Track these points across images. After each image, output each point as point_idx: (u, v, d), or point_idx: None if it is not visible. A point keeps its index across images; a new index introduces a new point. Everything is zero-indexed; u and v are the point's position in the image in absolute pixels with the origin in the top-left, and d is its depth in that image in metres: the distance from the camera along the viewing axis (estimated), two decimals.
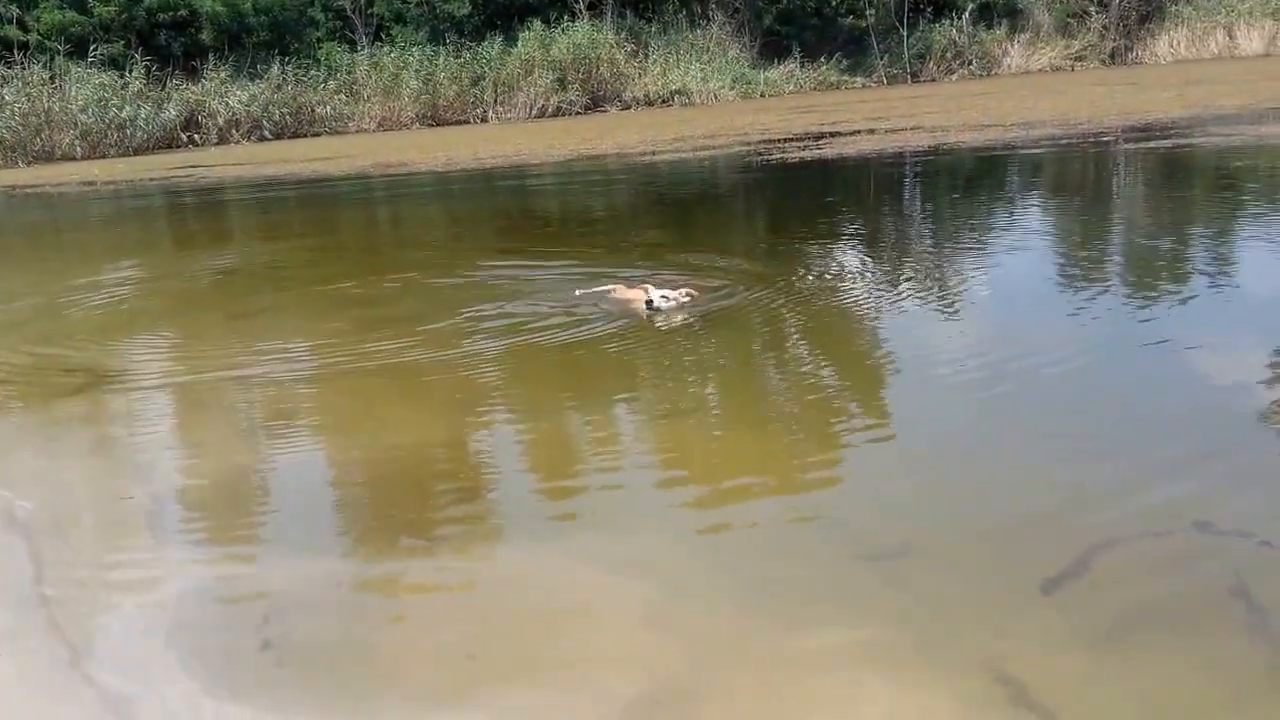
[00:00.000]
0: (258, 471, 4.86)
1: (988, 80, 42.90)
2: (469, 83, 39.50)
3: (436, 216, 15.37)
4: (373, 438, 5.25)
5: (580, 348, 6.46)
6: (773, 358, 6.11)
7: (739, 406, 5.40)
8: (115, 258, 12.79)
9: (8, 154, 31.21)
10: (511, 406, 5.61)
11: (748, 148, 19.99)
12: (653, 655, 3.15)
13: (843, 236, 9.99)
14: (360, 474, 4.83)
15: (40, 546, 4.03)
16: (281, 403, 5.84)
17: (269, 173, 22.84)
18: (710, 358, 6.10)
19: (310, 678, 3.14)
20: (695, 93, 41.46)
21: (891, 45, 46.95)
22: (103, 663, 3.22)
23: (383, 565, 3.87)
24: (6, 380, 6.67)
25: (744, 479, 4.52)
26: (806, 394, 5.56)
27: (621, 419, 5.35)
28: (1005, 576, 3.51)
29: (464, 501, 4.41)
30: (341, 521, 4.31)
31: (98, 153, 32.42)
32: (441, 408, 5.63)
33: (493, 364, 6.28)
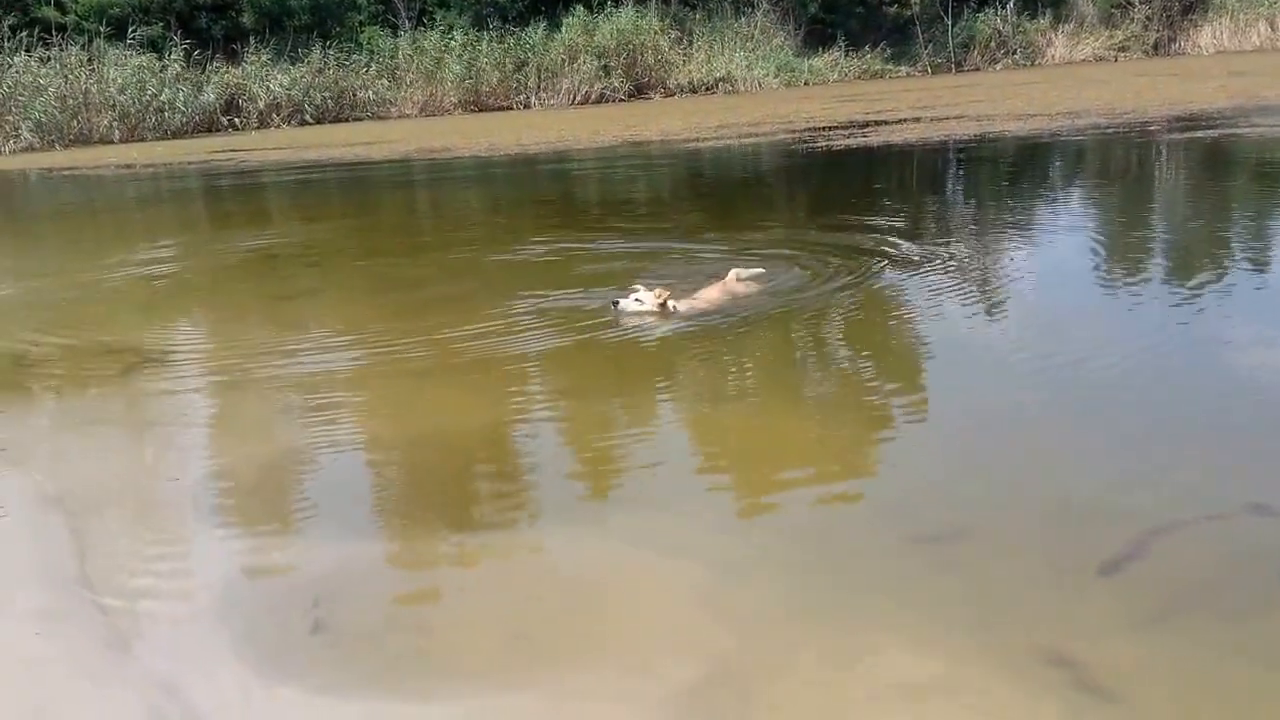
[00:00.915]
0: (303, 454, 4.84)
1: (1031, 70, 42.41)
2: (512, 68, 39.40)
3: (480, 201, 15.36)
4: (418, 420, 5.23)
5: (626, 333, 6.40)
6: (820, 343, 6.03)
7: (788, 391, 5.33)
8: (156, 239, 12.86)
9: (45, 137, 31.30)
10: (558, 389, 5.57)
11: (793, 135, 19.84)
12: (706, 638, 3.10)
13: (891, 223, 9.84)
14: (406, 456, 4.80)
15: (84, 527, 4.02)
16: (326, 385, 5.80)
17: (310, 157, 22.91)
18: (756, 344, 6.04)
19: (362, 659, 3.10)
20: (739, 80, 41.24)
21: (936, 34, 46.57)
22: (150, 645, 3.20)
23: (431, 547, 3.83)
24: (51, 361, 6.69)
25: (795, 462, 4.47)
26: (856, 379, 5.49)
27: (668, 403, 5.29)
28: (1062, 560, 3.45)
29: (512, 483, 4.38)
30: (388, 504, 4.28)
31: (135, 136, 32.47)
32: (486, 390, 5.60)
33: (537, 347, 6.23)
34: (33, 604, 3.41)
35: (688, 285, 7.10)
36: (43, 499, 4.23)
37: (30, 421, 5.41)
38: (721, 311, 6.65)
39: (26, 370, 6.45)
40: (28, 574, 3.61)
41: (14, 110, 31.23)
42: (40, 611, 3.35)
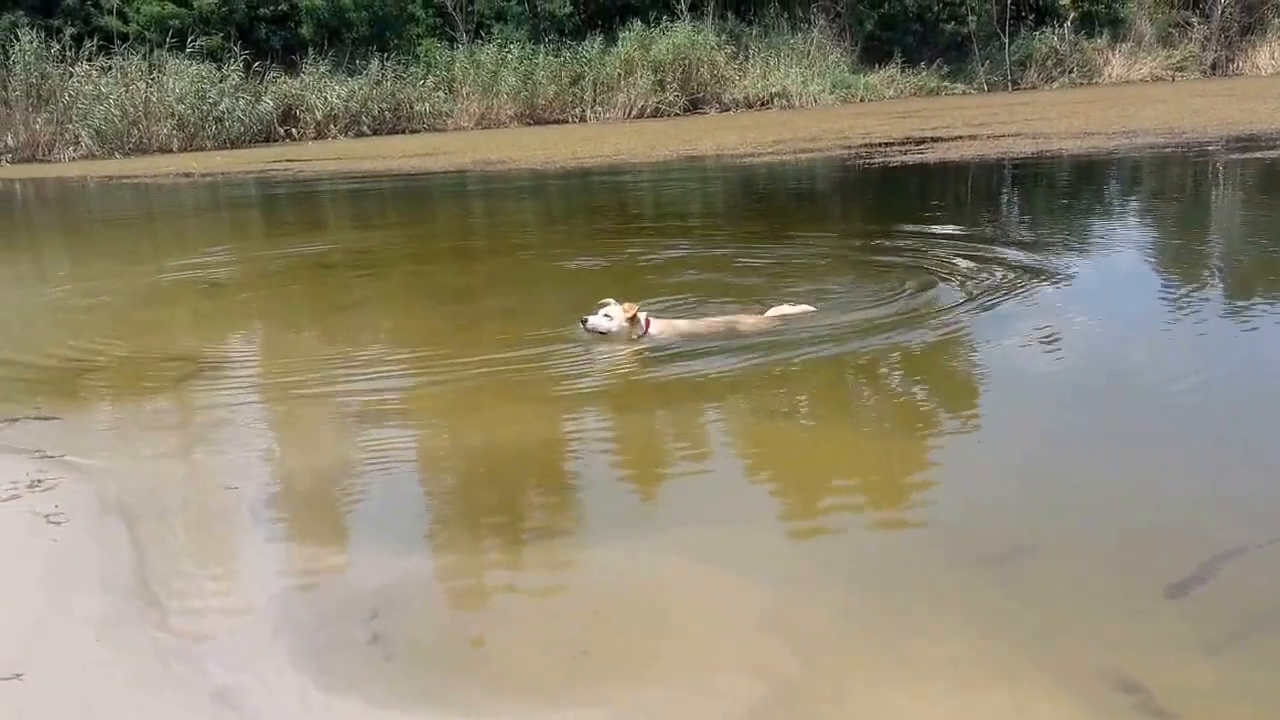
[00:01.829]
0: (358, 466, 4.82)
1: (1088, 89, 42.01)
2: (568, 82, 39.61)
3: (535, 213, 15.43)
4: (473, 433, 5.20)
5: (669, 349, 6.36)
6: (877, 362, 5.92)
7: (847, 409, 5.26)
8: (213, 246, 12.97)
9: (105, 145, 31.78)
10: (615, 404, 5.52)
11: (849, 151, 19.73)
12: (768, 657, 3.04)
13: (949, 241, 9.73)
14: (461, 469, 4.78)
15: (143, 534, 4.02)
16: (381, 397, 5.79)
17: (367, 168, 23.12)
18: (813, 363, 5.93)
19: (421, 672, 3.07)
20: (795, 96, 41.17)
21: (992, 52, 46.24)
22: (210, 653, 3.18)
23: (488, 560, 3.80)
24: (109, 368, 6.75)
25: (854, 480, 4.41)
26: (915, 398, 5.40)
27: (728, 420, 5.23)
28: (1127, 582, 3.37)
29: (568, 498, 4.35)
30: (444, 517, 4.25)
31: (194, 145, 32.89)
32: (540, 403, 5.57)
33: (591, 361, 6.19)
34: (93, 610, 3.40)
35: (730, 305, 7.06)
36: (102, 505, 4.24)
37: (89, 428, 5.44)
38: (716, 339, 6.45)
39: (85, 376, 6.50)
40: (88, 580, 3.61)
41: (75, 118, 31.76)
42: (100, 618, 3.34)
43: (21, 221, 19.26)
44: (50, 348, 7.32)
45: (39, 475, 4.47)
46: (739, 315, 6.79)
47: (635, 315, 6.37)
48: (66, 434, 5.20)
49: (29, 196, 23.11)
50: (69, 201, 21.57)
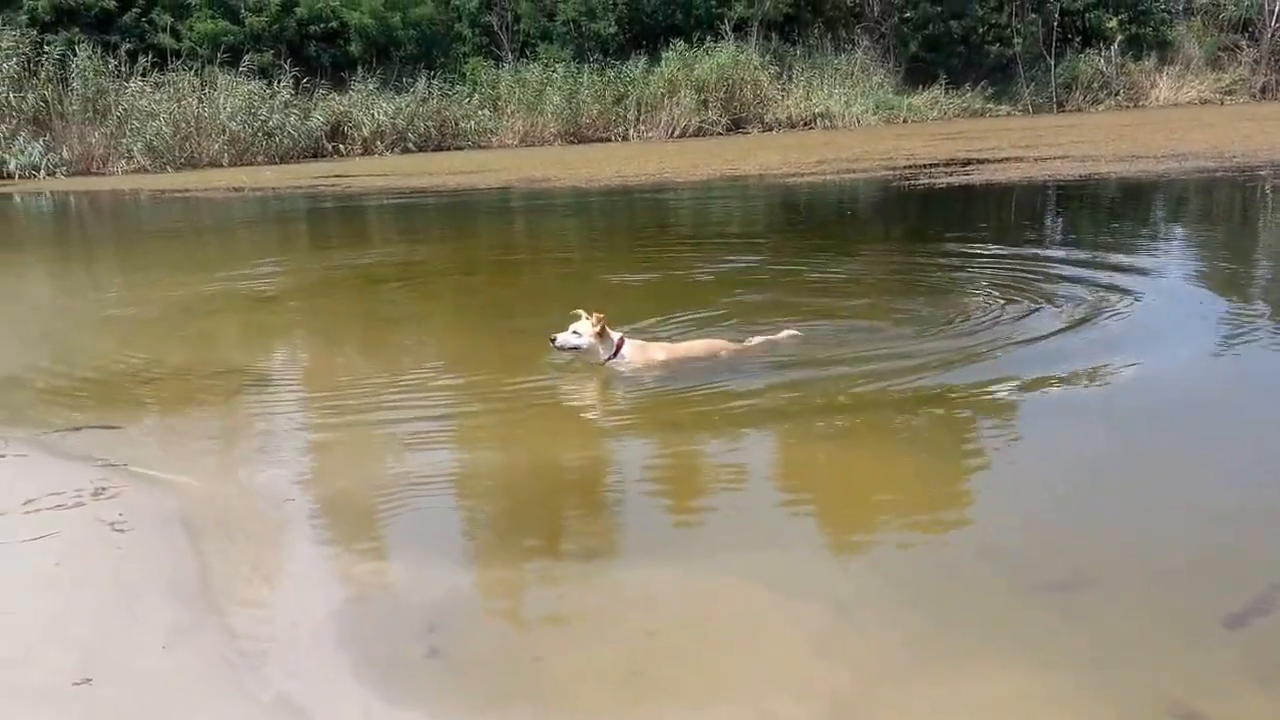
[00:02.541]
0: (411, 481, 4.86)
1: (1135, 111, 41.72)
2: (611, 101, 39.83)
3: (582, 230, 15.49)
4: (524, 451, 5.23)
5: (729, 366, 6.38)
6: (935, 386, 5.85)
7: (904, 434, 5.23)
8: (263, 259, 13.15)
9: (156, 159, 32.33)
10: (664, 424, 5.51)
11: (893, 172, 19.69)
12: (823, 681, 3.04)
13: (1003, 260, 9.67)
14: (512, 486, 4.80)
15: (205, 544, 4.08)
16: (433, 414, 5.83)
17: (414, 184, 23.33)
18: (869, 384, 5.91)
19: (478, 688, 3.10)
20: (838, 116, 41.19)
21: (1038, 74, 46.06)
22: (274, 663, 3.23)
23: (542, 578, 3.82)
24: (166, 379, 6.85)
25: (911, 506, 4.38)
26: (974, 423, 5.36)
27: (781, 442, 5.21)
28: (1186, 611, 3.35)
29: (621, 519, 4.36)
30: (497, 534, 4.28)
31: (244, 160, 33.39)
32: (591, 424, 5.61)
33: (637, 380, 6.21)
34: (158, 617, 3.46)
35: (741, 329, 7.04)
36: (164, 514, 4.30)
37: (149, 438, 5.53)
38: (696, 364, 6.33)
39: (143, 387, 6.61)
40: (153, 587, 3.66)
41: (128, 133, 32.30)
42: (166, 625, 3.40)
43: (76, 233, 19.58)
44: (108, 358, 7.44)
45: (102, 483, 4.55)
46: (722, 342, 6.64)
47: (604, 329, 6.20)
48: (127, 443, 5.29)
49: (84, 209, 23.50)
50: (122, 214, 21.93)
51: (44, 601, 3.54)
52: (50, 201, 24.84)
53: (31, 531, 4.03)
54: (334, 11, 38.60)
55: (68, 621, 3.41)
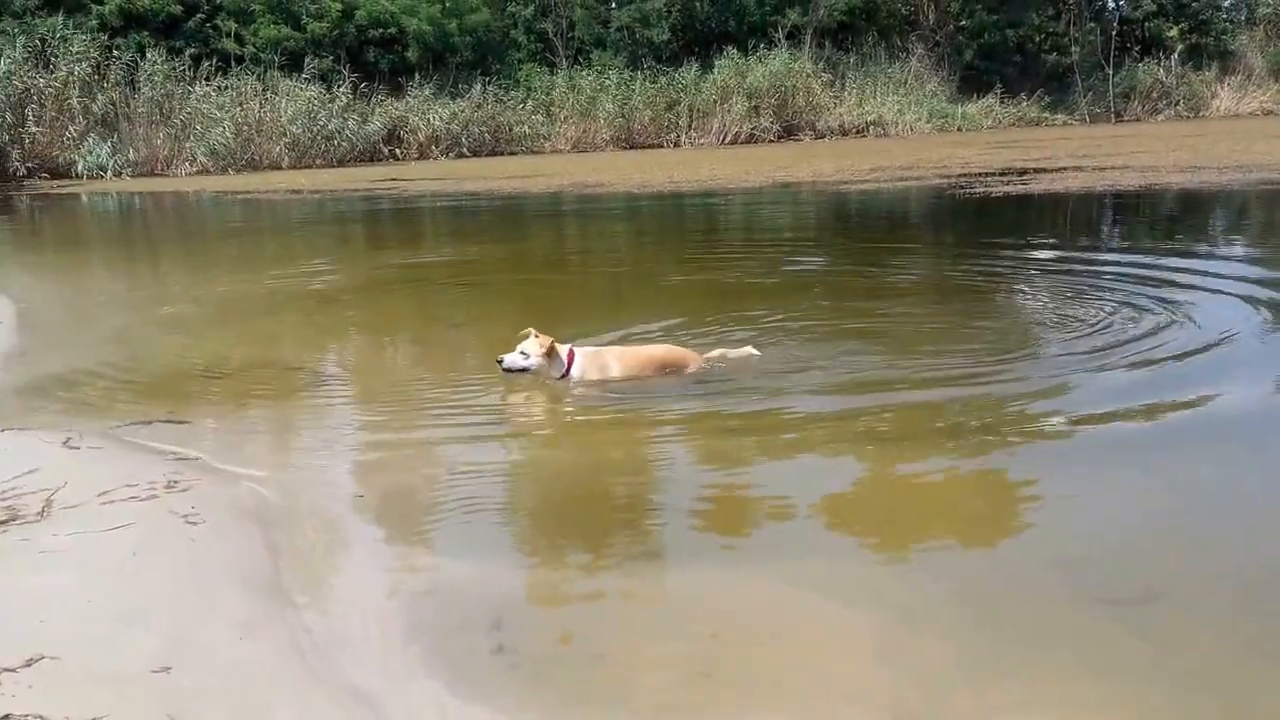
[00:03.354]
0: (477, 479, 4.90)
1: (1195, 122, 41.16)
2: (663, 107, 39.98)
3: (637, 235, 15.55)
4: (587, 451, 5.26)
5: (787, 372, 6.38)
6: (995, 396, 5.81)
7: (963, 445, 5.16)
8: (322, 260, 13.32)
9: (219, 161, 32.93)
10: (720, 430, 5.47)
11: (948, 180, 19.58)
12: (887, 691, 3.03)
13: (1058, 270, 9.60)
14: (576, 487, 4.82)
15: (276, 537, 4.14)
16: (495, 412, 5.90)
17: (469, 188, 23.52)
18: (925, 394, 5.89)
19: (544, 685, 3.12)
20: (890, 124, 41.05)
21: (1095, 83, 45.63)
22: (347, 655, 3.26)
23: (607, 578, 3.84)
24: (232, 374, 6.97)
25: (975, 518, 4.34)
26: (1045, 433, 5.28)
27: (849, 449, 5.15)
28: (1263, 631, 3.28)
29: (686, 522, 4.35)
30: (561, 533, 4.30)
31: (304, 163, 33.93)
32: (650, 425, 5.59)
33: (699, 383, 6.21)
34: (233, 608, 3.52)
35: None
36: (236, 507, 4.37)
37: (218, 432, 5.61)
38: (648, 377, 6.22)
39: (209, 383, 6.72)
40: (226, 579, 3.73)
41: (192, 136, 32.91)
42: (240, 616, 3.45)
43: (140, 232, 19.92)
44: (173, 354, 7.59)
45: (175, 476, 4.63)
46: (681, 351, 6.48)
47: (553, 348, 6.04)
48: (197, 437, 5.39)
49: (148, 209, 23.90)
50: (184, 214, 22.29)
51: (123, 590, 3.61)
52: (116, 201, 25.31)
53: (108, 522, 4.10)
54: (392, 18, 39.08)
55: (146, 610, 3.47)
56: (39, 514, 4.20)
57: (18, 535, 4.00)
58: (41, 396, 6.34)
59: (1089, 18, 47.01)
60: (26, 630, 3.25)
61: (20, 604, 3.46)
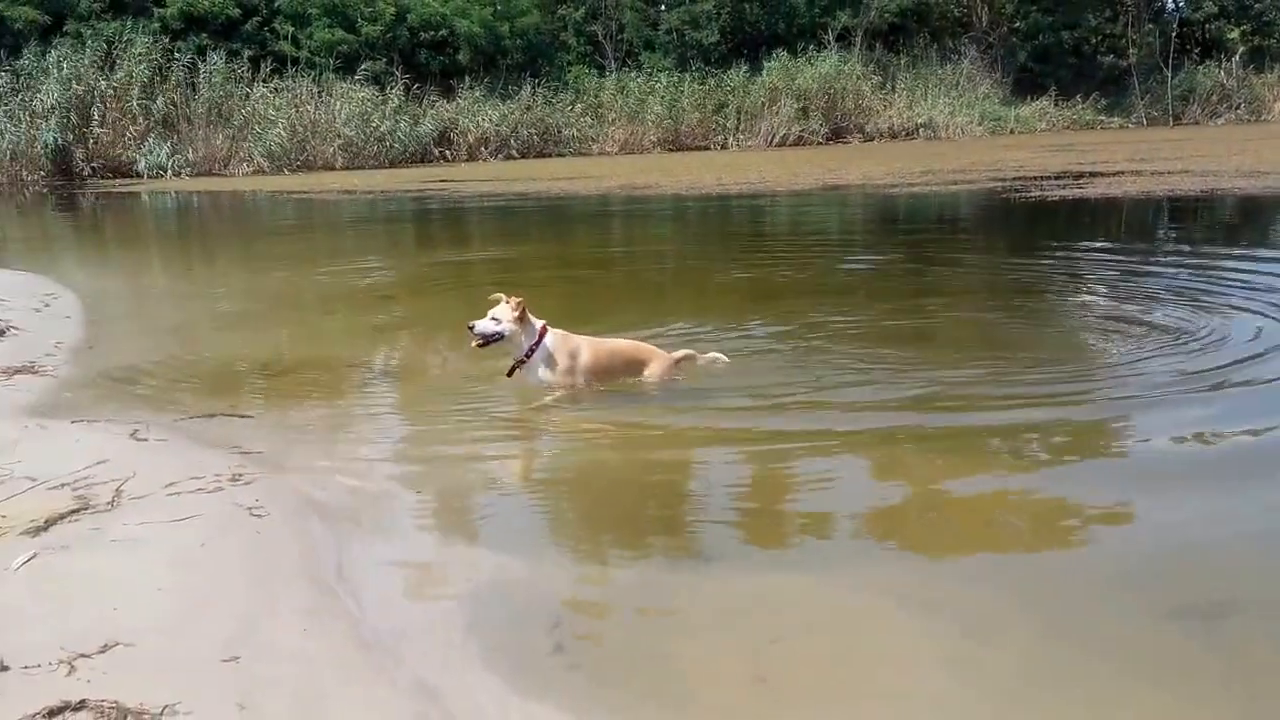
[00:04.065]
0: (536, 478, 4.95)
1: (1256, 125, 40.43)
2: (712, 109, 39.97)
3: (687, 236, 15.58)
4: (645, 450, 5.25)
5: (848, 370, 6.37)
6: (1079, 408, 5.69)
7: (1033, 449, 5.13)
8: (379, 258, 13.45)
9: (274, 162, 33.35)
10: (782, 433, 5.42)
11: (1002, 184, 19.41)
12: (954, 701, 3.00)
13: (1124, 277, 9.50)
14: (634, 486, 4.83)
15: (339, 533, 4.19)
16: (555, 411, 5.91)
17: (517, 189, 23.64)
18: (982, 398, 5.84)
19: (603, 685, 3.13)
20: (941, 127, 40.76)
21: (1153, 86, 45.03)
22: (409, 649, 3.29)
23: (665, 579, 3.84)
24: (290, 370, 7.07)
25: (1043, 528, 4.28)
26: (1117, 445, 5.22)
27: (916, 455, 5.10)
28: None
29: (747, 525, 4.35)
30: (623, 532, 4.32)
31: (356, 164, 34.25)
32: (710, 425, 5.57)
33: (756, 380, 6.21)
34: (297, 600, 3.56)
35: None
36: (298, 501, 4.43)
37: (278, 427, 5.68)
38: (617, 368, 6.13)
39: (269, 379, 6.82)
40: (292, 573, 3.77)
41: (249, 137, 33.36)
42: (306, 610, 3.49)
43: (198, 231, 20.21)
44: (233, 349, 7.72)
45: (239, 470, 4.69)
46: (649, 348, 6.29)
47: (525, 313, 5.85)
48: (259, 431, 5.46)
49: (206, 207, 24.26)
50: (241, 213, 22.57)
51: (191, 580, 3.66)
52: (175, 200, 25.71)
53: (176, 513, 4.17)
54: (444, 20, 39.39)
55: (214, 600, 3.52)
56: (109, 504, 4.28)
57: (90, 524, 4.07)
58: (108, 389, 6.46)
59: (1148, 19, 46.42)
60: (100, 617, 3.31)
61: (93, 591, 3.52)
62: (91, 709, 2.79)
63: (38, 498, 4.34)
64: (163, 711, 2.79)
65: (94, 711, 2.78)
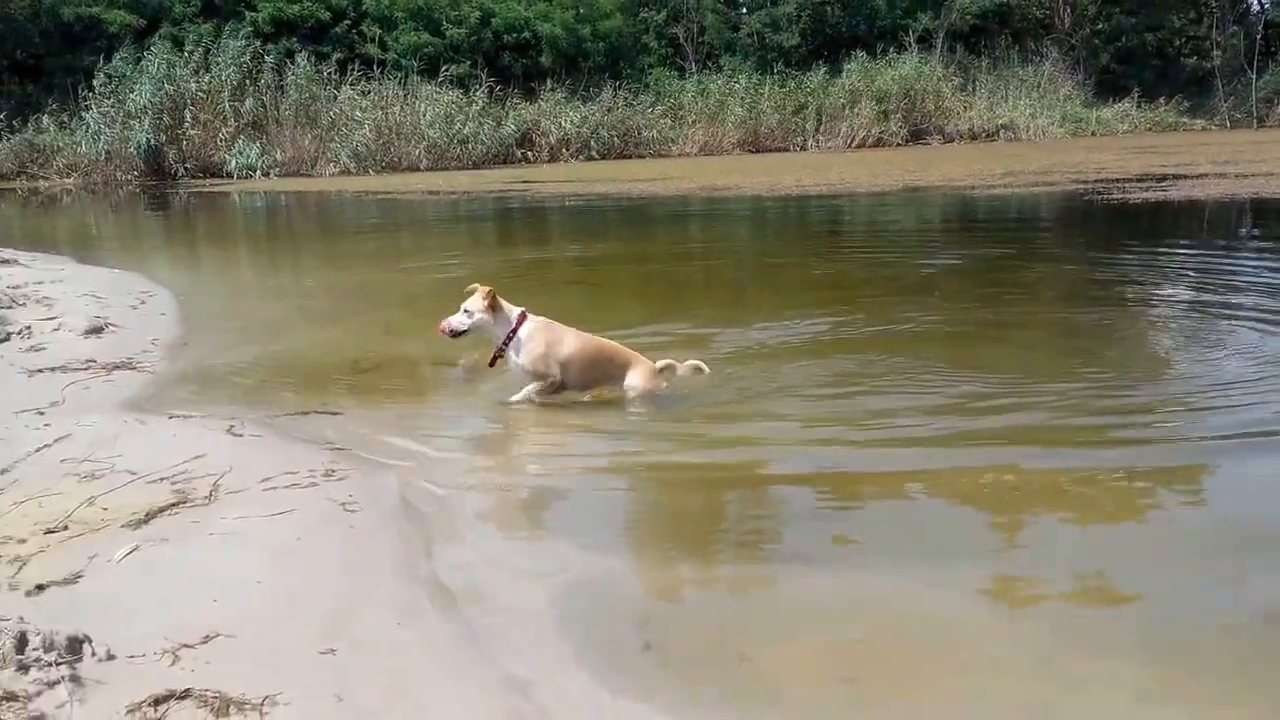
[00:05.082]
0: (624, 475, 4.97)
1: None
2: (791, 111, 39.86)
3: (761, 235, 15.58)
4: (736, 450, 5.24)
5: (926, 371, 6.33)
6: (1190, 417, 5.59)
7: (1120, 458, 5.00)
8: (459, 255, 13.56)
9: (360, 163, 33.87)
10: (865, 436, 5.34)
11: (1084, 186, 19.10)
12: (1047, 709, 2.97)
13: (1207, 281, 9.32)
14: (726, 487, 4.83)
15: (430, 529, 4.25)
16: (637, 408, 5.94)
17: (598, 190, 23.76)
18: (1069, 399, 5.75)
19: (693, 683, 3.14)
20: (1022, 128, 40.24)
21: (1237, 88, 44.03)
22: (501, 645, 3.33)
23: (751, 578, 3.85)
24: (379, 368, 7.15)
25: (1145, 524, 4.24)
26: (1219, 451, 5.10)
27: (1010, 459, 4.98)
28: None
29: (822, 522, 4.34)
30: (710, 531, 4.33)
31: (440, 165, 34.70)
32: (790, 426, 5.54)
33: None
34: (391, 596, 3.61)
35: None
36: (390, 498, 4.50)
37: (369, 423, 5.74)
38: (596, 366, 5.97)
39: (358, 375, 6.92)
40: (385, 567, 3.83)
41: (336, 138, 33.97)
42: (399, 604, 3.55)
43: (285, 229, 20.61)
44: (321, 345, 7.91)
45: (332, 466, 4.79)
46: (626, 354, 6.06)
47: (495, 301, 5.74)
48: (350, 428, 5.55)
49: (293, 207, 24.73)
50: (327, 212, 22.96)
51: (288, 573, 3.75)
52: (264, 200, 26.23)
53: (272, 507, 4.27)
54: (527, 23, 39.78)
55: (310, 593, 3.60)
56: (207, 498, 4.39)
57: (189, 517, 4.18)
58: (203, 385, 6.61)
59: (1232, 21, 45.41)
60: (201, 608, 3.40)
61: (194, 583, 3.62)
62: (195, 698, 2.86)
63: (138, 491, 4.46)
64: (263, 701, 2.85)
65: (198, 700, 2.85)
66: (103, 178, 32.66)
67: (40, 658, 2.99)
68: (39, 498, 4.39)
